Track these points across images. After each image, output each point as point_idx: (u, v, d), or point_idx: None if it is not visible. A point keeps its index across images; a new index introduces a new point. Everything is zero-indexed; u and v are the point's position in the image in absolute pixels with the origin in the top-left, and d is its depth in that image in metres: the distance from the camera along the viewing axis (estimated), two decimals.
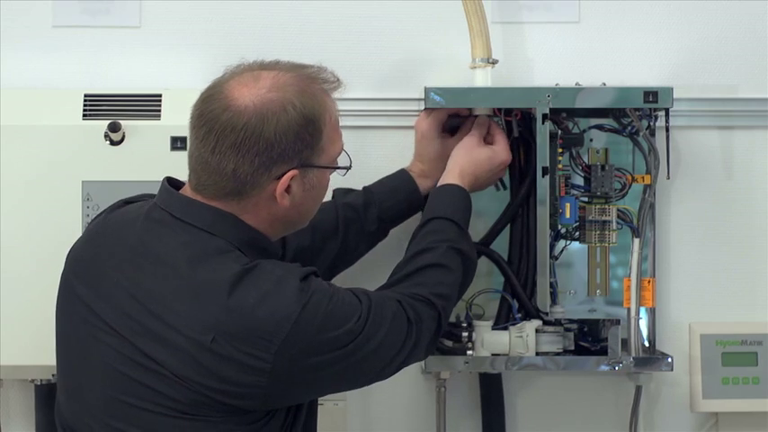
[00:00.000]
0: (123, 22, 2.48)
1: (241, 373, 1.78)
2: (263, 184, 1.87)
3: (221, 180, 1.86)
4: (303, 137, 1.88)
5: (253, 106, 1.86)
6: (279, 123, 1.86)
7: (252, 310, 1.78)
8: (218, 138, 1.85)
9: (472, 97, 2.36)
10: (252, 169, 1.85)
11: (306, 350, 1.81)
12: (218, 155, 1.85)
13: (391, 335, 1.91)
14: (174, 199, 1.91)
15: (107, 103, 2.35)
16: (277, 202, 1.88)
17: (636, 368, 2.37)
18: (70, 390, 1.92)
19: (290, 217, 1.93)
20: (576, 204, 2.36)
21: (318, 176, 1.93)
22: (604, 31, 2.51)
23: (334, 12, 2.49)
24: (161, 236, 1.87)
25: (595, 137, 2.42)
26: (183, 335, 1.79)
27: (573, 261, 2.45)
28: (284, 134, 1.86)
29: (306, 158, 1.89)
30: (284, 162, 1.87)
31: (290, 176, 1.87)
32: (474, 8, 2.38)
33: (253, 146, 1.84)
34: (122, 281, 1.86)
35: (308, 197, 1.93)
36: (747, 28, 2.52)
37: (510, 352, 2.34)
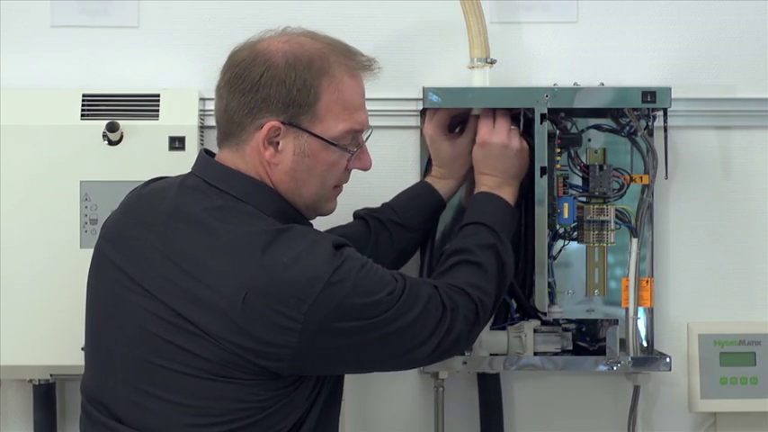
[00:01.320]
0: (121, 23, 2.48)
1: (272, 332, 1.78)
2: (249, 131, 1.89)
3: (221, 119, 1.92)
4: (291, 91, 1.88)
5: (249, 46, 1.92)
6: (268, 68, 1.88)
7: (284, 268, 1.79)
8: (223, 74, 1.93)
9: (470, 97, 2.36)
10: (238, 108, 1.88)
11: (335, 313, 1.80)
12: (220, 91, 1.92)
13: (424, 316, 1.90)
14: (210, 166, 1.93)
15: (105, 103, 2.36)
16: (263, 157, 1.89)
17: (634, 368, 2.37)
18: (100, 359, 1.92)
19: (283, 184, 1.92)
20: (574, 204, 2.36)
21: (313, 146, 1.92)
22: (603, 31, 2.52)
23: (332, 12, 2.49)
24: (195, 200, 1.89)
25: (594, 137, 2.42)
26: (215, 292, 1.79)
27: (571, 261, 2.45)
28: (271, 81, 1.87)
29: (294, 117, 1.89)
30: (268, 111, 1.88)
31: (270, 127, 1.87)
32: (472, 8, 2.38)
33: (240, 83, 1.87)
34: (156, 243, 1.87)
35: (302, 165, 1.92)
36: (745, 28, 2.52)
37: (508, 352, 2.34)
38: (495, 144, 2.24)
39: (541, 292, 2.32)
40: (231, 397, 1.81)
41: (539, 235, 2.32)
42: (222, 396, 1.81)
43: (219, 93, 1.94)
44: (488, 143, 2.24)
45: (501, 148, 2.24)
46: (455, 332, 1.96)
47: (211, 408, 1.82)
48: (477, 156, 2.26)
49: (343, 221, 2.34)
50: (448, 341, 1.95)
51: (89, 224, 2.31)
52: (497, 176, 2.24)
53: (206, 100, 2.44)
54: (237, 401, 1.82)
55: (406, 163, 2.49)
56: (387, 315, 1.86)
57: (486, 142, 2.24)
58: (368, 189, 2.49)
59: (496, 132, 2.25)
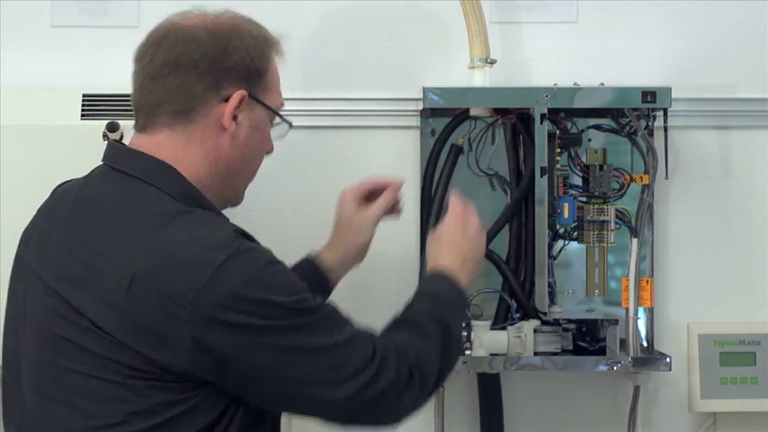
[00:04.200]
0: (121, 23, 2.48)
1: (160, 319, 1.64)
2: (211, 104, 1.80)
3: (169, 98, 1.80)
4: (252, 59, 1.82)
5: (203, 24, 1.82)
6: (228, 38, 1.81)
7: (176, 250, 1.66)
8: (167, 53, 1.81)
9: (470, 97, 2.37)
10: (200, 85, 1.79)
11: (226, 302, 1.64)
12: (166, 69, 1.80)
13: (346, 351, 1.74)
14: (116, 150, 1.85)
15: (105, 103, 2.35)
16: (225, 131, 1.80)
17: (634, 368, 2.37)
18: (11, 368, 1.82)
19: (233, 160, 1.83)
20: (574, 204, 2.36)
21: (263, 118, 1.86)
22: (602, 30, 2.52)
23: (332, 12, 2.49)
24: (98, 186, 1.81)
25: (594, 137, 2.42)
26: (107, 276, 1.68)
27: (571, 261, 2.45)
28: (233, 50, 1.80)
29: (252, 87, 1.82)
30: (232, 82, 1.81)
31: (238, 97, 1.80)
32: (472, 8, 2.38)
33: (202, 59, 1.79)
34: (60, 237, 1.78)
35: (253, 139, 1.85)
36: (745, 28, 2.52)
37: (508, 352, 2.34)
38: (472, 226, 2.08)
39: (542, 292, 2.32)
40: (121, 398, 1.68)
41: (539, 235, 2.32)
42: (112, 397, 1.68)
43: (167, 69, 1.81)
44: (460, 224, 2.07)
45: (473, 232, 2.08)
46: (381, 383, 1.74)
47: (101, 410, 1.69)
48: (444, 231, 2.07)
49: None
50: (371, 391, 1.73)
51: None
52: (459, 258, 2.03)
53: None
54: (127, 403, 1.68)
55: (406, 163, 2.49)
56: (290, 322, 1.69)
57: (458, 221, 2.07)
58: None
59: (473, 214, 2.10)
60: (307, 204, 2.50)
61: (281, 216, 2.50)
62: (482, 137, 2.45)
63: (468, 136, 2.44)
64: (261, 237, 2.48)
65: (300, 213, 2.50)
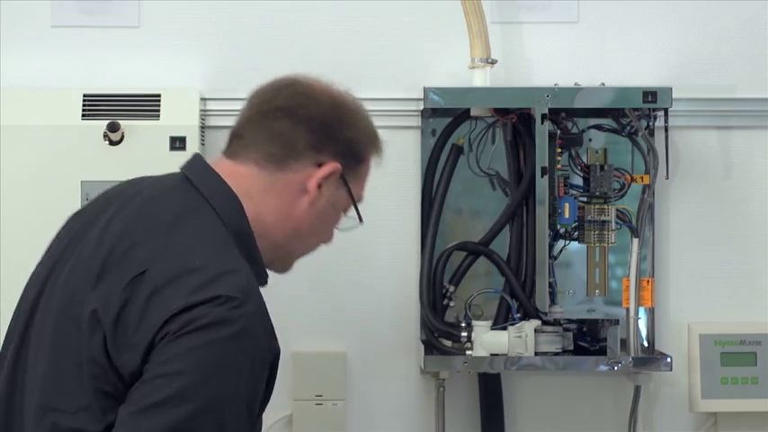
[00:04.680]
0: (122, 23, 2.48)
1: (140, 326, 1.59)
2: (304, 163, 1.77)
3: (270, 139, 1.77)
4: (357, 143, 1.81)
5: (329, 90, 1.81)
6: (347, 113, 1.81)
7: (189, 269, 1.61)
8: (286, 100, 1.79)
9: (471, 97, 2.37)
10: (303, 140, 1.76)
11: (185, 337, 1.57)
12: (279, 113, 1.78)
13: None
14: (196, 163, 1.81)
15: (106, 102, 2.36)
16: (306, 194, 1.77)
17: (635, 368, 2.37)
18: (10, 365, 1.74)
19: (301, 225, 1.81)
20: (574, 204, 2.36)
21: (341, 201, 1.83)
22: (603, 31, 2.52)
23: (333, 12, 2.49)
24: (165, 190, 1.77)
25: (594, 137, 2.42)
26: (125, 268, 1.63)
27: (572, 261, 2.45)
28: (348, 126, 1.80)
29: (347, 168, 1.80)
30: (333, 154, 1.78)
31: (331, 168, 1.77)
32: (473, 8, 2.38)
33: (316, 118, 1.77)
34: (115, 223, 1.72)
35: (326, 215, 1.83)
36: (746, 28, 2.52)
37: (509, 352, 2.34)
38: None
39: (542, 292, 2.32)
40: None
41: (539, 235, 2.32)
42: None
43: (281, 113, 1.79)
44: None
45: None
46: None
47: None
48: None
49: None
50: None
51: None
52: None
53: (207, 100, 2.45)
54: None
55: (406, 163, 2.49)
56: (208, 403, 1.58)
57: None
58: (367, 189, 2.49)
59: None
60: None
61: None
62: (482, 137, 2.45)
63: (469, 136, 2.45)
64: None
65: None
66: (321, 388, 2.48)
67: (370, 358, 2.50)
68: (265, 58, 2.48)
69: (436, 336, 2.39)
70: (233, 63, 2.49)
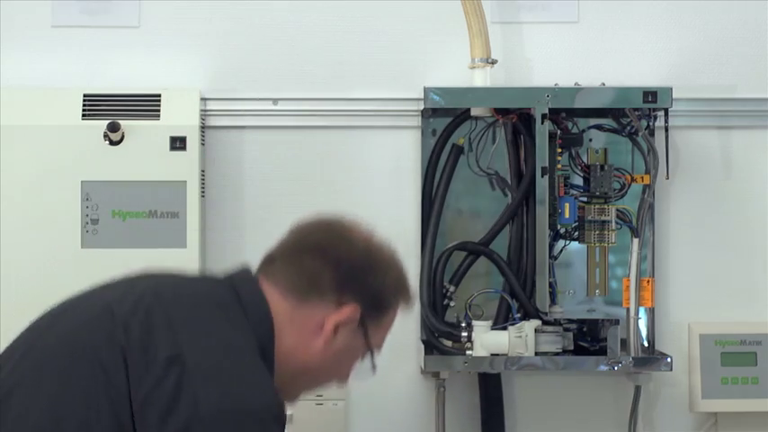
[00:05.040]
0: (122, 22, 2.48)
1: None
2: (325, 301, 1.76)
3: (297, 272, 1.77)
4: (382, 294, 1.80)
5: (368, 236, 1.81)
6: (378, 265, 1.79)
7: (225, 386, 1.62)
8: (322, 240, 1.79)
9: (471, 97, 2.37)
10: (328, 279, 1.76)
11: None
12: (312, 250, 1.78)
13: None
14: (245, 275, 1.81)
15: (106, 102, 2.36)
16: (321, 334, 1.76)
17: (635, 368, 2.37)
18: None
19: (312, 364, 1.79)
20: (575, 204, 2.36)
21: (358, 347, 1.81)
22: (603, 30, 2.52)
23: (333, 12, 2.49)
24: (210, 289, 1.78)
25: (594, 137, 2.43)
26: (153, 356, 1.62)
27: (572, 261, 2.45)
28: (374, 275, 1.79)
29: (368, 315, 1.79)
30: (354, 298, 1.77)
31: (352, 310, 1.76)
32: (473, 8, 2.38)
33: (345, 260, 1.77)
34: (152, 302, 1.70)
35: (340, 359, 1.81)
36: (746, 28, 2.52)
37: (509, 352, 2.34)
38: None
39: (542, 292, 2.32)
40: None
41: (539, 235, 2.32)
42: None
43: (312, 249, 1.80)
44: None
45: None
46: None
47: None
48: None
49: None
50: None
51: (90, 224, 2.31)
52: None
53: (207, 100, 2.45)
54: None
55: (406, 163, 2.49)
56: None
57: None
58: (368, 189, 2.50)
59: None
60: (307, 204, 2.49)
61: (281, 216, 2.48)
62: (482, 137, 2.45)
63: (469, 136, 2.45)
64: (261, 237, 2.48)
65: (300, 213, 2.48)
66: (321, 388, 2.47)
67: None
68: (265, 58, 2.49)
69: (436, 336, 2.39)
70: (233, 63, 2.49)
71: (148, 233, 2.33)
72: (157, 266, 1.79)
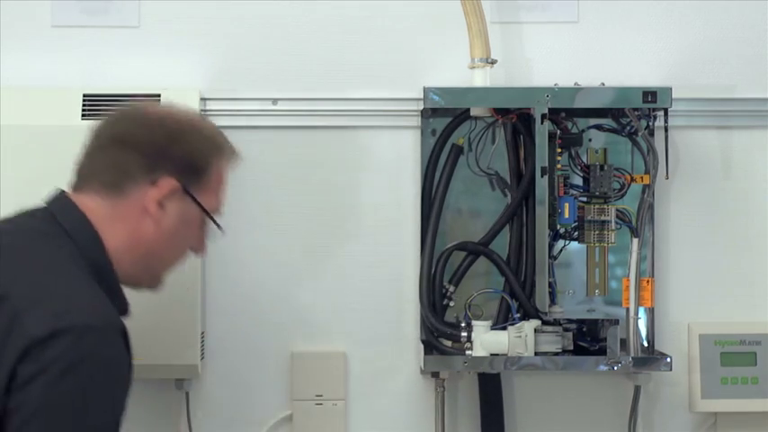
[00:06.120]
0: (122, 22, 2.48)
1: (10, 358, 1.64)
2: (140, 184, 1.84)
3: (105, 169, 1.85)
4: (193, 156, 1.87)
5: (161, 113, 1.89)
6: (175, 129, 1.87)
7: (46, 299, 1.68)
8: (118, 129, 1.87)
9: (471, 97, 2.37)
10: (136, 164, 1.84)
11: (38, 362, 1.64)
12: (110, 141, 1.86)
13: None
14: (58, 197, 1.88)
15: (106, 102, 2.35)
16: (148, 214, 1.84)
17: (635, 368, 2.37)
18: None
19: (154, 245, 1.86)
20: (574, 204, 2.36)
21: (193, 215, 1.89)
22: (603, 30, 2.52)
23: (333, 12, 2.49)
24: (27, 226, 1.84)
25: (594, 137, 2.42)
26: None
27: (572, 261, 2.45)
28: (177, 142, 1.86)
29: (188, 182, 1.87)
30: (167, 171, 1.85)
31: (169, 185, 1.84)
32: (473, 8, 2.38)
33: (146, 142, 1.85)
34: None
35: (178, 231, 1.88)
36: (746, 28, 2.52)
37: (509, 352, 2.34)
38: None
39: (542, 292, 2.32)
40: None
41: (539, 235, 2.32)
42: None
43: (111, 142, 1.87)
44: None
45: None
46: None
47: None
48: None
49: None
50: None
51: None
52: None
53: (207, 100, 2.45)
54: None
55: (406, 163, 2.49)
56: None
57: None
58: (368, 189, 2.50)
59: None
60: (307, 204, 2.50)
61: (281, 216, 2.50)
62: (482, 137, 2.45)
63: (469, 136, 2.45)
64: (261, 237, 2.50)
65: (300, 213, 2.50)
66: (321, 388, 2.48)
67: (370, 358, 2.50)
68: (265, 58, 2.49)
69: (436, 336, 2.39)
70: (233, 63, 2.49)
71: None
72: None
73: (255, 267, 2.48)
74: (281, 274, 2.49)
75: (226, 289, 2.47)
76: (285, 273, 2.48)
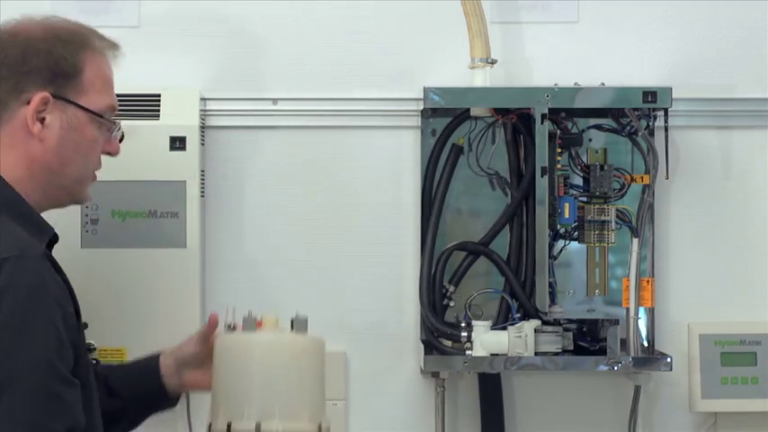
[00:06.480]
0: (122, 22, 2.47)
1: None
2: (13, 108, 1.80)
3: None
4: (57, 61, 1.81)
5: (12, 28, 1.83)
6: (29, 41, 1.81)
7: None
8: None
9: (471, 97, 2.37)
10: (2, 89, 1.79)
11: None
12: None
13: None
14: None
15: None
16: (32, 134, 1.80)
17: (635, 368, 2.37)
18: None
19: (49, 162, 1.82)
20: (574, 204, 2.36)
21: (79, 119, 1.84)
22: (603, 30, 2.51)
23: (333, 12, 2.49)
24: None
25: (594, 137, 2.42)
26: None
27: (572, 261, 2.45)
28: (35, 53, 1.80)
29: (60, 88, 1.81)
30: (35, 84, 1.80)
31: (40, 99, 1.79)
32: (473, 8, 2.38)
33: (2, 63, 1.79)
34: None
35: (68, 141, 1.83)
36: (746, 28, 2.52)
37: (509, 352, 2.34)
38: None
39: (542, 292, 2.32)
40: None
41: (539, 235, 2.32)
42: None
43: None
44: None
45: None
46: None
47: None
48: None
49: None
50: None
51: (90, 224, 2.31)
52: None
53: (207, 100, 2.45)
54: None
55: (406, 163, 2.49)
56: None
57: None
58: (368, 189, 2.50)
59: None
60: (307, 204, 2.50)
61: (280, 216, 2.50)
62: (482, 137, 2.45)
63: (469, 136, 2.45)
64: (261, 237, 2.49)
65: (300, 213, 2.50)
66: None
67: (370, 358, 2.50)
68: (265, 58, 2.49)
69: (436, 336, 2.39)
70: (233, 63, 2.49)
71: (148, 233, 2.33)
72: None
73: (255, 267, 2.48)
74: (281, 273, 2.49)
75: (226, 289, 2.47)
76: (285, 272, 2.48)
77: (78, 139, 1.85)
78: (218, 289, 2.47)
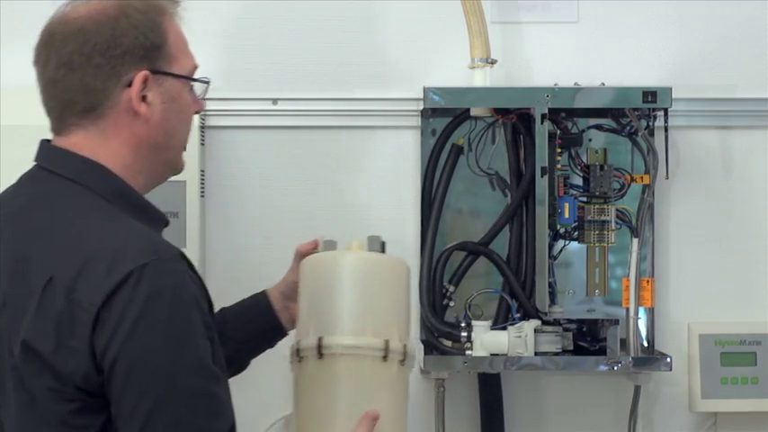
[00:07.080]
0: None
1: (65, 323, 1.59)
2: (115, 94, 1.74)
3: (72, 99, 1.74)
4: (145, 35, 1.76)
5: (87, 13, 1.76)
6: (117, 24, 1.75)
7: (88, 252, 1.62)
8: (59, 53, 1.75)
9: (471, 97, 2.37)
10: (99, 77, 1.74)
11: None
12: (62, 71, 1.74)
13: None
14: (46, 150, 1.80)
15: None
16: (138, 115, 1.75)
17: (635, 368, 2.37)
18: None
19: (155, 139, 1.77)
20: (574, 204, 2.36)
21: (176, 88, 1.79)
22: (603, 30, 2.52)
23: (333, 12, 2.49)
24: (26, 190, 1.78)
25: (594, 137, 2.43)
26: (33, 282, 1.63)
27: (572, 261, 2.45)
28: (122, 33, 1.74)
29: (154, 62, 1.76)
30: (131, 65, 1.74)
31: (141, 78, 1.74)
32: (473, 8, 2.38)
33: (93, 52, 1.73)
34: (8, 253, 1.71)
35: (171, 112, 1.78)
36: (746, 28, 2.52)
37: (509, 352, 2.34)
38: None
39: (542, 292, 2.32)
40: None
41: (539, 235, 2.32)
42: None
43: (63, 70, 1.75)
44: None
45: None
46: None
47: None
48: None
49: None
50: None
51: None
52: None
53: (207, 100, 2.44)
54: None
55: (406, 163, 2.50)
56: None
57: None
58: (368, 189, 2.50)
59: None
60: (307, 204, 2.50)
61: (280, 216, 2.50)
62: (482, 137, 2.45)
63: (469, 136, 2.45)
64: (260, 237, 2.49)
65: (300, 213, 2.50)
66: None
67: None
68: (265, 58, 2.49)
69: (436, 336, 2.39)
70: (233, 63, 2.49)
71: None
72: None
73: (255, 267, 2.48)
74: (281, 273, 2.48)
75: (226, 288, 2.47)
76: (285, 272, 2.48)
77: (179, 108, 1.81)
78: (218, 289, 2.46)
